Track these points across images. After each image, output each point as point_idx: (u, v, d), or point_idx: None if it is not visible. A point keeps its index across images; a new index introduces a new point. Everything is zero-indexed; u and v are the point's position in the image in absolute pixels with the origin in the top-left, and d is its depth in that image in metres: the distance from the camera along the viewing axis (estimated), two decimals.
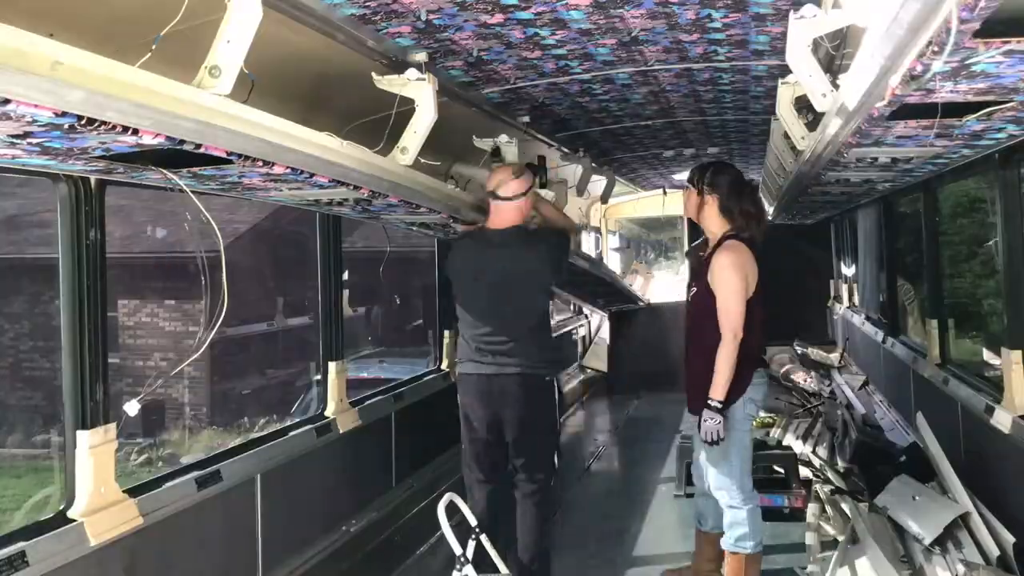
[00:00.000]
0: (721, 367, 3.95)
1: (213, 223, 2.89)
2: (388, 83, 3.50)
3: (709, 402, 3.96)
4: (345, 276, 5.14)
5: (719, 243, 4.17)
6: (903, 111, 2.72)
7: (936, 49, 1.91)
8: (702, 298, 4.14)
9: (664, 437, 7.68)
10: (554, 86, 4.31)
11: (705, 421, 3.97)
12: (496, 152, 4.92)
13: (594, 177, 7.90)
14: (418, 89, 3.49)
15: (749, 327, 4.01)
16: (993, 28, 1.90)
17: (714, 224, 4.22)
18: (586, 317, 11.56)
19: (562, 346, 8.99)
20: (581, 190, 6.78)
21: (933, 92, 2.39)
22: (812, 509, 5.12)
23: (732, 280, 4.02)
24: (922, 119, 2.91)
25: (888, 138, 3.33)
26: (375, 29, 3.14)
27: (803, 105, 3.93)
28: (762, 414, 8.27)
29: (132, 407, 3.06)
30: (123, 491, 3.18)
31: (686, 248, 12.48)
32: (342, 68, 3.47)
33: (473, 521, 4.07)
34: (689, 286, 4.40)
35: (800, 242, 11.02)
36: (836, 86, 3.06)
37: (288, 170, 2.87)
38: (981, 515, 4.24)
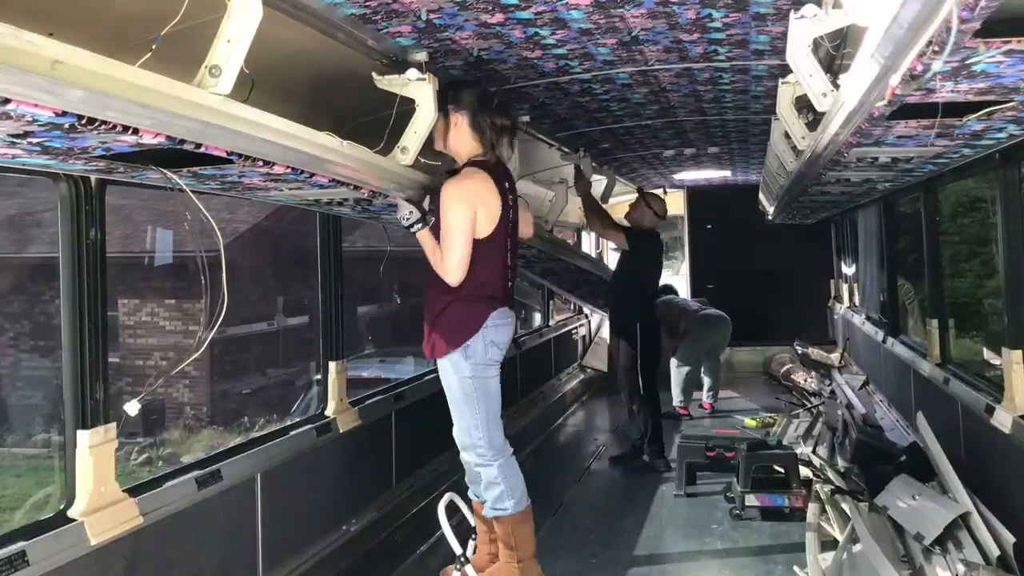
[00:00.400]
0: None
1: (213, 223, 2.89)
2: (388, 83, 3.51)
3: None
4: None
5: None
6: (903, 111, 2.73)
7: (936, 49, 1.91)
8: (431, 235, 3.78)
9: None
10: (554, 86, 4.31)
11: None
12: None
13: (594, 177, 7.90)
14: (418, 89, 3.50)
15: (484, 263, 3.71)
16: (993, 28, 1.90)
17: (465, 148, 3.82)
18: (586, 317, 11.56)
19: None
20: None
21: (933, 92, 2.39)
22: (812, 509, 5.12)
23: (454, 215, 3.65)
24: (922, 119, 2.91)
25: (888, 138, 3.33)
26: (375, 29, 3.14)
27: (803, 105, 3.94)
28: (762, 414, 8.33)
29: (132, 407, 3.06)
30: (123, 491, 3.18)
31: (687, 247, 12.52)
32: (342, 68, 3.47)
33: (473, 521, 4.06)
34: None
35: (800, 242, 11.03)
36: (836, 86, 3.06)
37: (288, 170, 2.87)
38: (981, 515, 4.23)
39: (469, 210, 3.66)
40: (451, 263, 3.67)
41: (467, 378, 3.77)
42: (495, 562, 3.97)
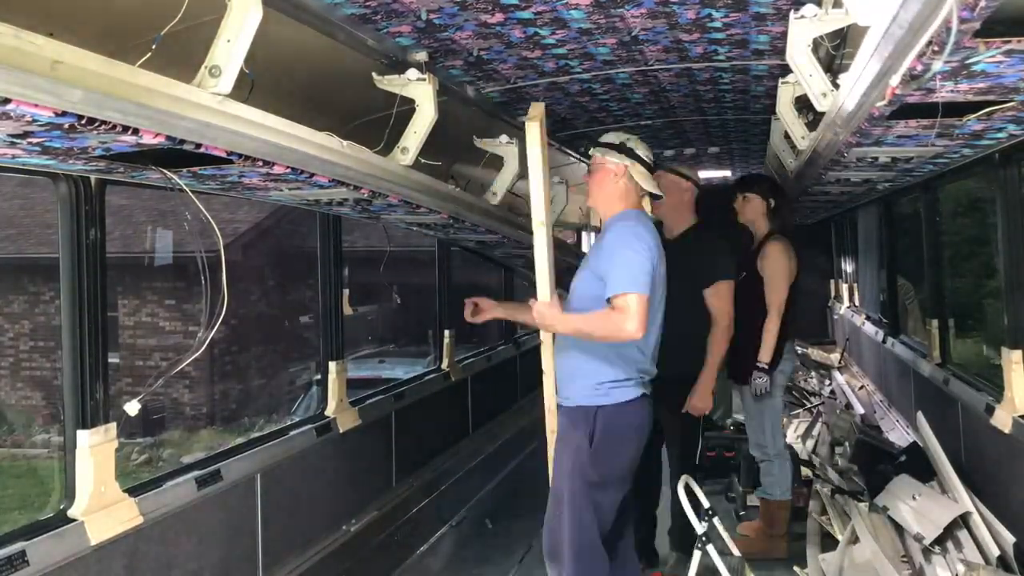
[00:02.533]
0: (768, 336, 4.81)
1: (213, 223, 2.89)
2: (388, 83, 3.50)
3: (758, 364, 4.76)
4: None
5: (767, 237, 5.00)
6: (903, 111, 2.72)
7: (936, 49, 1.91)
8: (750, 283, 4.89)
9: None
10: (554, 86, 4.31)
11: (755, 380, 4.77)
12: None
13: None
14: (418, 89, 3.49)
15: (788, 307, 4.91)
16: (993, 28, 1.90)
17: (765, 223, 5.10)
18: None
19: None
20: None
21: (933, 92, 2.39)
22: (812, 509, 5.12)
23: (783, 268, 4.91)
24: (922, 119, 2.91)
25: (888, 138, 3.33)
26: (375, 29, 3.14)
27: (803, 105, 3.94)
28: None
29: (132, 407, 3.06)
30: (123, 490, 3.18)
31: None
32: (342, 68, 3.46)
33: (706, 503, 4.26)
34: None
35: (800, 242, 11.00)
36: (836, 86, 3.05)
37: (288, 170, 2.87)
38: (981, 515, 4.24)
39: (787, 262, 5.07)
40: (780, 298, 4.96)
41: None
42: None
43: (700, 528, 4.16)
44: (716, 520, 4.30)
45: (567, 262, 7.70)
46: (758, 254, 5.02)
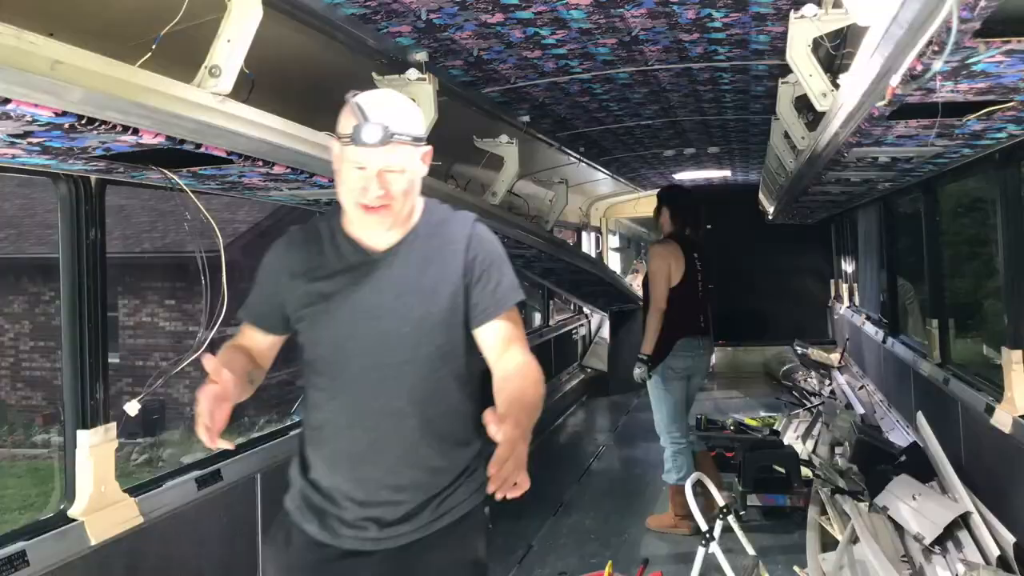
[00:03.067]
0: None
1: (213, 223, 2.89)
2: (388, 83, 3.51)
3: (639, 355, 5.32)
4: None
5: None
6: (903, 111, 2.73)
7: (936, 49, 1.91)
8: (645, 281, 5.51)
9: None
10: (554, 86, 4.32)
11: (634, 369, 5.32)
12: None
13: (595, 176, 7.89)
14: (418, 89, 3.50)
15: (672, 305, 5.29)
16: (993, 28, 1.90)
17: (666, 228, 5.57)
18: (586, 317, 11.56)
19: None
20: None
21: (933, 92, 2.39)
22: (812, 509, 5.12)
23: (659, 267, 5.36)
24: (922, 119, 2.91)
25: (888, 138, 3.33)
26: (375, 29, 3.14)
27: (803, 105, 3.94)
28: (762, 413, 8.33)
29: (132, 407, 3.06)
30: (123, 490, 3.18)
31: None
32: (342, 68, 3.46)
33: (721, 502, 4.43)
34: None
35: (800, 242, 11.03)
36: (836, 86, 3.06)
37: (288, 170, 2.88)
38: (981, 515, 4.23)
39: (665, 263, 5.36)
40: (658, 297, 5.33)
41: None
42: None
43: (705, 525, 4.20)
44: (731, 519, 4.34)
45: (573, 264, 7.72)
46: None
